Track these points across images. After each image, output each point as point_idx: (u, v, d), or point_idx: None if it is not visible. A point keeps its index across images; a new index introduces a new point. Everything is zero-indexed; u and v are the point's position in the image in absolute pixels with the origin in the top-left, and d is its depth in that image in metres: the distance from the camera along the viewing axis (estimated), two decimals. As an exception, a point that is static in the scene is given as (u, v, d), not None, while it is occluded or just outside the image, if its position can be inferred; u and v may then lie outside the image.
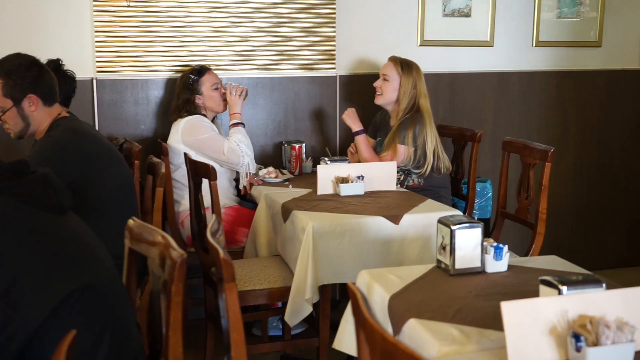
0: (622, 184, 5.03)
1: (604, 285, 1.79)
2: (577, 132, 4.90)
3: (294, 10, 4.16)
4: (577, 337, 1.58)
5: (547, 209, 3.40)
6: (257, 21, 4.12)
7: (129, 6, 3.89)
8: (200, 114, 3.78)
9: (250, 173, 3.72)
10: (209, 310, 3.36)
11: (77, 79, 3.46)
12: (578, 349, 1.58)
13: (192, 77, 3.76)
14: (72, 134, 2.81)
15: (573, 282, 1.76)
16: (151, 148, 3.89)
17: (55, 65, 3.24)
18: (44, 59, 2.92)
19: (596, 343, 1.57)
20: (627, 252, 5.10)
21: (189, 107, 3.76)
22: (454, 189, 4.09)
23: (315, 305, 3.03)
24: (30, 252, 1.58)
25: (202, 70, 3.80)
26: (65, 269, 1.62)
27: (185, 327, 3.85)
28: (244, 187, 3.77)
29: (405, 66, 3.83)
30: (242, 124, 3.76)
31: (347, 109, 3.97)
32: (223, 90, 3.85)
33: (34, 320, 1.53)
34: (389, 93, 3.84)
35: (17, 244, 1.58)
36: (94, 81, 3.91)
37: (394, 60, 3.86)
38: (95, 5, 3.84)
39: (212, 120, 3.86)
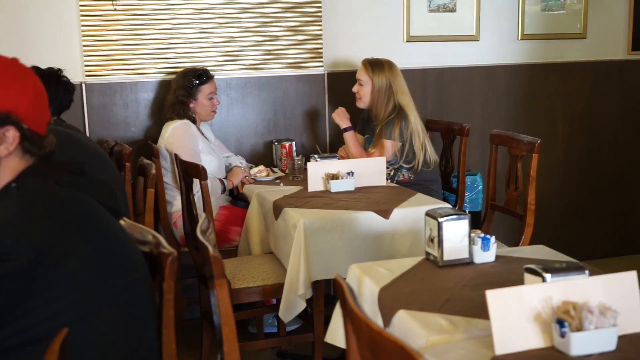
0: (611, 174, 5.08)
1: (586, 272, 1.82)
2: (565, 123, 4.94)
3: (280, 10, 4.19)
4: (561, 322, 1.61)
5: (537, 201, 3.44)
6: (243, 21, 4.14)
7: (115, 9, 3.91)
8: (190, 117, 3.81)
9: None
10: (204, 309, 3.38)
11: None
12: (562, 335, 1.61)
13: (194, 81, 3.79)
14: (58, 138, 2.80)
15: (557, 269, 1.80)
16: (142, 150, 3.91)
17: (56, 75, 3.24)
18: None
19: (580, 328, 1.61)
20: (617, 242, 5.15)
21: (181, 109, 3.79)
22: (444, 183, 4.13)
23: (309, 301, 3.06)
24: (102, 243, 1.61)
25: (205, 78, 3.82)
26: (125, 263, 1.66)
27: (181, 326, 3.89)
28: (236, 186, 3.81)
29: (376, 67, 3.85)
30: (224, 189, 3.77)
31: (337, 108, 4.01)
32: (216, 103, 3.88)
33: (90, 304, 1.56)
34: (366, 96, 3.88)
35: (92, 234, 1.59)
36: (83, 85, 3.93)
37: (365, 63, 3.89)
38: (82, 10, 3.86)
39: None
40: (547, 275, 1.77)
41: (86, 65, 3.92)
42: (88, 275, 1.56)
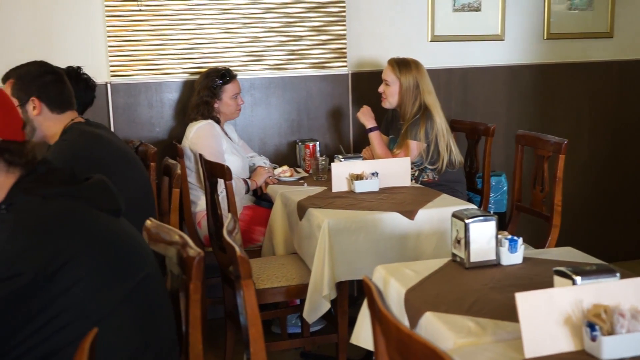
0: (637, 175, 5.01)
1: (618, 274, 1.79)
2: (591, 123, 4.88)
3: (303, 10, 4.19)
4: (592, 326, 1.59)
5: (563, 201, 3.40)
6: (267, 21, 4.15)
7: (140, 10, 3.93)
8: (214, 117, 3.82)
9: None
10: (228, 309, 3.39)
11: (91, 84, 3.48)
12: (593, 338, 1.59)
13: (218, 81, 3.80)
14: (85, 138, 2.81)
15: (587, 272, 1.77)
16: (167, 150, 3.92)
17: (75, 73, 3.26)
18: (56, 65, 2.92)
19: (611, 332, 1.58)
20: (643, 244, 5.09)
21: (206, 110, 3.80)
22: (469, 184, 4.10)
23: (333, 302, 3.06)
24: (99, 251, 1.62)
25: (228, 77, 3.83)
26: (129, 265, 1.67)
27: (205, 326, 3.90)
28: (260, 186, 3.81)
29: (403, 67, 3.82)
30: (248, 189, 3.78)
31: (362, 107, 4.00)
32: (241, 102, 3.89)
33: (97, 312, 1.58)
34: (393, 96, 3.86)
35: (88, 244, 1.60)
36: (108, 85, 3.95)
37: (391, 63, 3.86)
38: (107, 11, 3.88)
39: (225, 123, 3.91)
40: (578, 278, 1.75)
41: (111, 66, 3.94)
42: (90, 286, 1.57)
